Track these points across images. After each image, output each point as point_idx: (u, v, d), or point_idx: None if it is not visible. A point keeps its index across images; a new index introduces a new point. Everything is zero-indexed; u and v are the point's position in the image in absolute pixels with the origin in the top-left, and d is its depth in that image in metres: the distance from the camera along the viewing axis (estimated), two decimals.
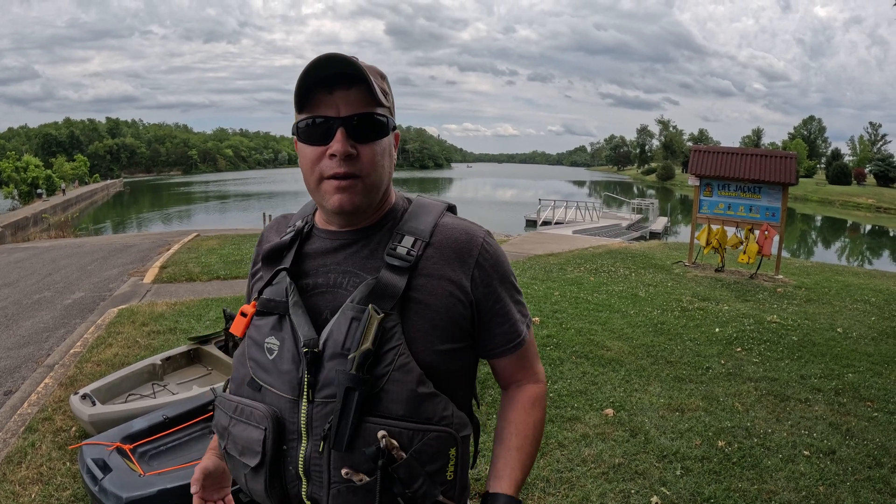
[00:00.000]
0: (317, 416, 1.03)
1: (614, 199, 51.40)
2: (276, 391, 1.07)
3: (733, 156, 11.14)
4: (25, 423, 4.23)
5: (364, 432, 1.00)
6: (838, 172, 76.86)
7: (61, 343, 6.39)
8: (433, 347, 1.09)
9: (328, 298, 1.12)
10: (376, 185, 1.13)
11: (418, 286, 1.10)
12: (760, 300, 8.74)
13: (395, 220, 1.19)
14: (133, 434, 3.31)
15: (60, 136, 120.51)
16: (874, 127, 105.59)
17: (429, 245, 1.14)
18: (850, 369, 5.64)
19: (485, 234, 1.20)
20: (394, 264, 1.10)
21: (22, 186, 44.26)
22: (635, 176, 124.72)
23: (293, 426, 1.05)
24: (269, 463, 1.06)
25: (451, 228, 1.17)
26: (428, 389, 1.05)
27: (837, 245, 36.41)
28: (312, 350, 1.04)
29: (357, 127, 1.09)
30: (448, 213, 1.23)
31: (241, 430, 1.10)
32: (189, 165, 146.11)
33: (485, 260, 1.16)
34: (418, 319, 1.08)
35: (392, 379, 1.03)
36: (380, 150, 1.12)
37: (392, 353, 1.04)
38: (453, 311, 1.12)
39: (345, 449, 1.00)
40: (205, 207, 55.54)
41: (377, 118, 1.11)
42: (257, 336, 1.14)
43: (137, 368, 4.50)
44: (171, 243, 14.93)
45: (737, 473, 3.69)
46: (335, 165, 1.09)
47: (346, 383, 1.00)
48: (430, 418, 1.05)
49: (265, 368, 1.10)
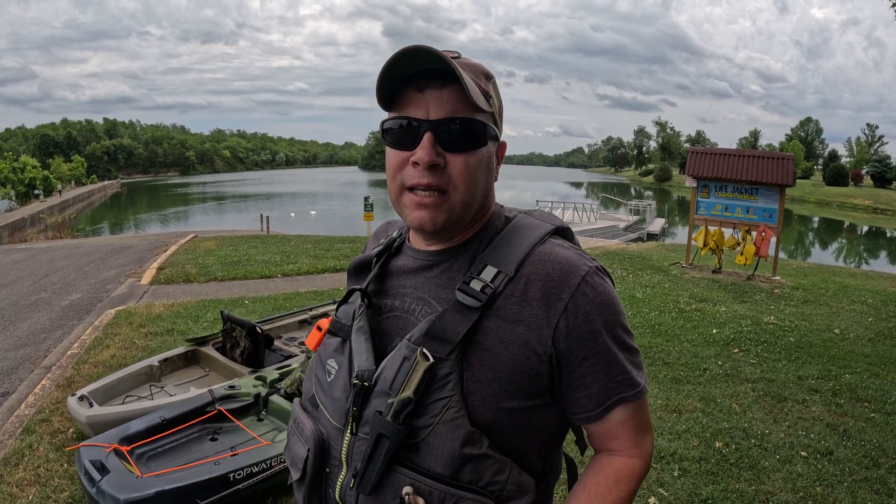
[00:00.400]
0: (356, 451, 0.96)
1: (612, 200, 51.39)
2: (328, 415, 1.03)
3: (731, 157, 11.15)
4: (23, 424, 4.22)
5: (392, 481, 0.92)
6: (835, 174, 77.00)
7: (58, 344, 6.37)
8: (496, 403, 0.93)
9: (400, 324, 1.03)
10: (466, 202, 0.98)
11: (488, 329, 0.94)
12: (758, 301, 8.75)
13: (483, 243, 1.02)
14: (131, 435, 3.31)
15: (58, 137, 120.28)
16: (871, 128, 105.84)
17: (513, 279, 0.96)
18: (847, 370, 5.65)
19: (590, 270, 0.98)
20: (462, 301, 0.95)
21: (19, 187, 44.20)
22: (633, 177, 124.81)
23: (336, 453, 1.00)
24: (308, 481, 1.03)
25: (546, 260, 0.97)
26: (477, 451, 0.92)
27: (834, 246, 36.48)
28: (363, 383, 0.96)
29: (448, 133, 0.94)
30: (553, 239, 1.02)
31: (294, 442, 1.08)
32: (186, 166, 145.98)
33: (579, 305, 0.95)
34: (482, 370, 0.93)
35: (436, 433, 0.91)
36: (473, 162, 0.97)
37: (440, 405, 0.91)
38: (524, 364, 0.94)
39: (369, 493, 0.94)
40: (202, 209, 55.47)
41: (473, 124, 0.96)
42: (323, 355, 1.09)
43: (135, 370, 4.50)
44: (169, 244, 14.91)
45: (734, 474, 3.69)
46: (418, 175, 0.95)
47: (378, 429, 0.91)
48: (473, 481, 0.92)
49: (323, 389, 1.06)
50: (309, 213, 43.64)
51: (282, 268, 11.04)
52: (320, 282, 10.08)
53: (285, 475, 3.23)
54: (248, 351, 4.60)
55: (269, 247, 14.09)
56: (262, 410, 3.87)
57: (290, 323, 5.91)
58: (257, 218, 24.81)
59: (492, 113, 0.99)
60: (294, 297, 8.50)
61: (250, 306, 7.93)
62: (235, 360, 4.64)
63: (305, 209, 47.09)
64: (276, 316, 6.01)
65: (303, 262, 11.72)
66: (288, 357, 4.85)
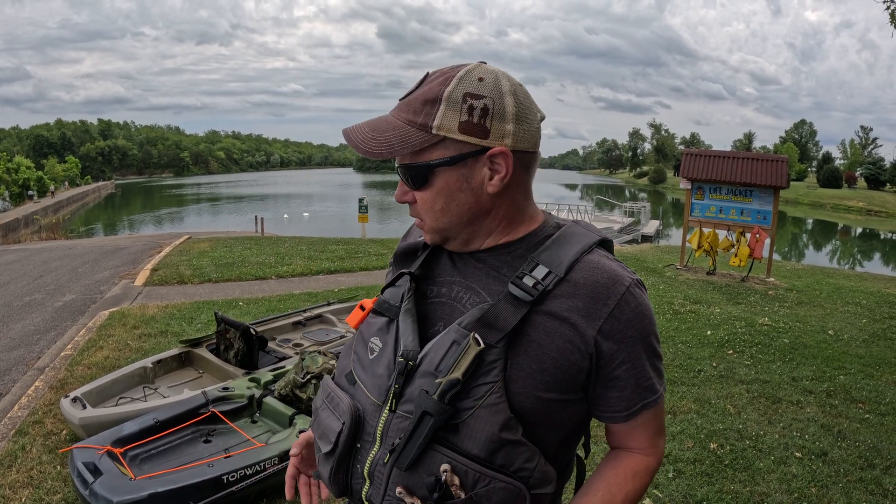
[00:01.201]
0: (393, 427, 1.00)
1: (606, 202, 51.50)
2: (366, 391, 1.07)
3: (725, 159, 11.18)
4: (16, 426, 4.20)
5: (429, 459, 0.96)
6: (829, 176, 77.30)
7: (52, 346, 6.34)
8: (535, 392, 0.99)
9: (445, 311, 1.08)
10: (439, 227, 1.09)
11: (536, 323, 1.00)
12: (752, 303, 8.78)
13: (534, 244, 1.09)
14: (124, 437, 3.29)
15: (52, 138, 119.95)
16: (865, 131, 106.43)
17: (563, 281, 1.02)
18: (841, 371, 5.66)
19: (633, 282, 1.05)
20: (515, 294, 1.01)
21: (13, 188, 44.06)
22: (627, 179, 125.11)
23: (371, 429, 1.04)
24: (339, 455, 1.07)
25: (595, 268, 1.04)
26: (513, 436, 0.97)
27: (828, 248, 36.66)
28: (407, 362, 1.01)
29: (404, 176, 1.07)
30: (598, 250, 1.09)
31: (326, 416, 1.12)
32: (181, 167, 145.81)
33: (622, 312, 1.02)
34: (526, 359, 1.00)
35: (476, 415, 0.96)
36: (429, 196, 1.06)
37: (484, 389, 0.97)
38: (568, 359, 1.00)
39: (406, 469, 0.97)
40: (196, 210, 55.36)
41: (409, 170, 1.05)
42: (366, 333, 1.14)
43: (128, 371, 4.48)
44: (163, 246, 14.87)
45: (729, 475, 3.70)
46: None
47: (423, 406, 0.96)
48: (505, 465, 0.97)
49: (363, 366, 1.10)
50: (301, 214, 43.52)
51: (276, 269, 11.03)
52: (314, 283, 10.07)
53: (279, 477, 3.22)
54: (241, 352, 4.59)
55: (264, 248, 14.06)
56: (256, 412, 3.85)
57: (284, 325, 5.89)
58: (252, 219, 24.77)
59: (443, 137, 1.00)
60: (288, 299, 8.49)
61: (244, 308, 7.91)
62: (229, 362, 4.63)
63: (299, 211, 47.02)
64: (271, 318, 5.99)
65: (297, 263, 11.71)
66: (282, 359, 4.84)
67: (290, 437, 3.36)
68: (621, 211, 39.03)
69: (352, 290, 9.19)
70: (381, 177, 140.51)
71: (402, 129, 1.02)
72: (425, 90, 1.02)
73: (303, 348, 5.21)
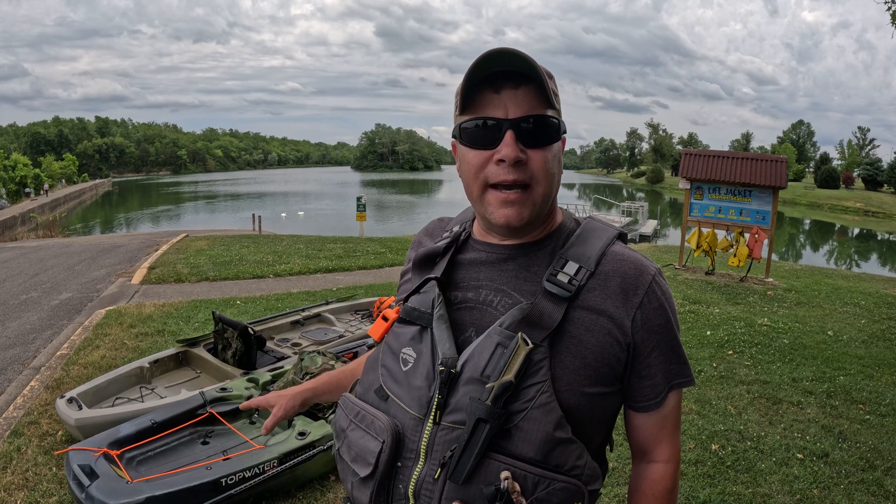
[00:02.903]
0: (440, 440, 0.95)
1: (604, 201, 51.59)
2: (403, 405, 1.01)
3: (724, 159, 11.19)
4: (11, 426, 4.15)
5: (486, 468, 0.93)
6: (827, 176, 77.43)
7: (48, 345, 6.30)
8: (580, 388, 0.99)
9: (475, 315, 1.05)
10: (546, 195, 1.04)
11: (575, 319, 1.00)
12: (751, 303, 8.77)
13: (560, 241, 1.09)
14: (120, 439, 3.26)
15: (49, 135, 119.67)
16: (863, 131, 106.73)
17: (593, 275, 1.03)
18: (841, 372, 5.65)
19: (656, 271, 1.08)
20: (552, 292, 1.01)
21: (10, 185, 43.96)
22: (625, 179, 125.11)
23: (413, 445, 0.98)
24: (380, 477, 1.00)
25: (621, 259, 1.06)
26: (565, 434, 0.96)
27: (826, 248, 36.71)
28: (449, 370, 0.97)
29: (528, 130, 0.99)
30: (619, 242, 1.11)
31: (359, 436, 1.05)
32: (178, 165, 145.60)
33: (651, 301, 1.04)
34: (569, 356, 0.99)
35: (529, 417, 0.94)
36: (550, 157, 1.02)
37: (534, 389, 0.95)
38: (608, 351, 1.01)
39: (462, 482, 0.93)
40: (194, 208, 55.28)
41: (550, 120, 1.01)
42: (395, 344, 1.08)
43: (125, 371, 4.45)
44: (160, 244, 14.82)
45: (731, 477, 3.68)
46: (503, 172, 1.00)
47: (478, 414, 0.92)
48: (559, 465, 0.95)
49: (396, 379, 1.04)
50: (297, 213, 43.42)
51: (274, 268, 10.99)
52: (312, 282, 10.04)
53: (279, 480, 3.19)
54: (240, 352, 4.55)
55: (261, 247, 14.03)
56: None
57: (282, 324, 5.87)
58: (249, 218, 24.70)
59: (559, 109, 1.04)
60: (286, 298, 8.46)
61: (242, 306, 7.88)
62: (227, 362, 4.59)
63: (296, 209, 46.97)
64: (269, 317, 5.96)
65: (295, 262, 11.68)
66: (280, 359, 4.81)
67: (290, 440, 3.33)
68: (619, 210, 39.08)
69: (350, 288, 9.16)
70: (378, 175, 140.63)
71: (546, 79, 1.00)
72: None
73: (301, 348, 5.18)
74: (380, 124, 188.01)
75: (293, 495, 3.36)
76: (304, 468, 3.29)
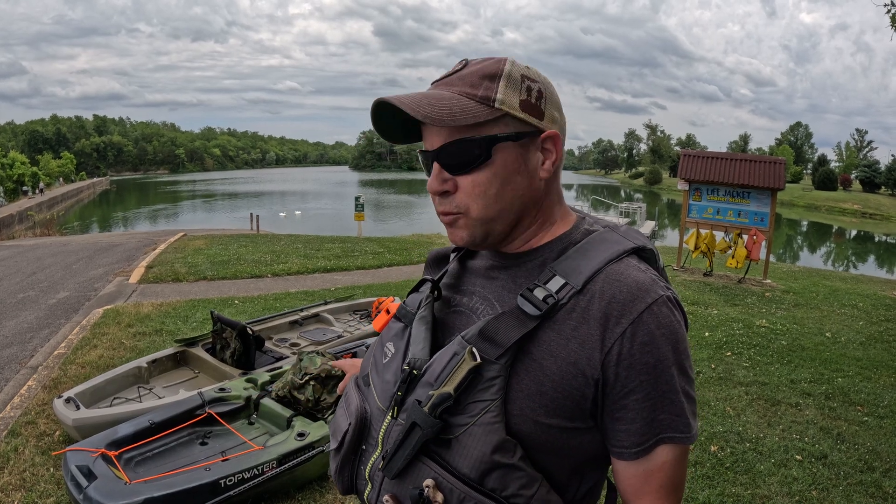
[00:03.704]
0: (391, 434, 0.98)
1: (602, 202, 51.51)
2: (375, 395, 1.06)
3: (723, 161, 11.20)
4: (8, 426, 4.14)
5: (416, 471, 0.93)
6: (824, 178, 77.57)
7: (45, 344, 6.28)
8: (534, 417, 0.91)
9: (462, 321, 1.04)
10: (487, 218, 0.97)
11: (542, 341, 0.92)
12: (749, 304, 8.77)
13: (555, 252, 1.00)
14: (118, 440, 3.25)
15: (47, 133, 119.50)
16: (860, 133, 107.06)
17: (579, 293, 0.92)
18: (839, 374, 5.66)
19: (659, 299, 0.91)
20: (523, 308, 0.93)
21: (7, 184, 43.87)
22: (623, 180, 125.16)
23: (375, 433, 1.02)
24: (344, 453, 1.06)
25: (616, 280, 0.92)
26: (507, 460, 0.89)
27: (823, 250, 36.76)
28: (412, 370, 0.98)
29: (448, 158, 0.96)
30: (629, 259, 0.97)
31: (340, 413, 1.13)
32: (176, 164, 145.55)
33: (637, 333, 0.89)
34: (527, 380, 0.92)
35: (470, 433, 0.90)
36: (483, 179, 0.95)
37: (480, 406, 0.90)
38: (570, 384, 0.90)
39: (393, 477, 0.96)
40: (192, 207, 55.20)
41: (466, 144, 0.94)
42: (385, 336, 1.14)
43: (123, 371, 4.44)
44: (158, 243, 14.80)
45: (730, 478, 3.68)
46: (437, 202, 1.01)
47: (413, 417, 0.92)
48: (496, 489, 0.89)
49: (377, 370, 1.09)
50: (294, 213, 43.34)
51: (272, 267, 10.98)
52: (311, 282, 10.03)
53: (278, 481, 3.18)
54: (238, 352, 4.54)
55: (259, 246, 14.01)
56: (253, 413, 3.81)
57: (281, 324, 5.86)
58: (247, 217, 24.68)
59: (505, 113, 0.94)
60: (284, 298, 8.45)
61: (240, 306, 7.86)
62: (225, 362, 4.58)
63: (294, 209, 46.89)
64: (267, 317, 5.95)
65: (293, 261, 11.67)
66: (279, 359, 4.80)
67: (289, 440, 3.31)
68: (617, 211, 39.05)
69: (348, 288, 9.15)
70: (377, 175, 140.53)
71: (461, 101, 0.93)
72: (481, 66, 0.97)
73: (300, 348, 5.17)
74: None
75: (292, 496, 3.36)
76: (304, 469, 3.28)
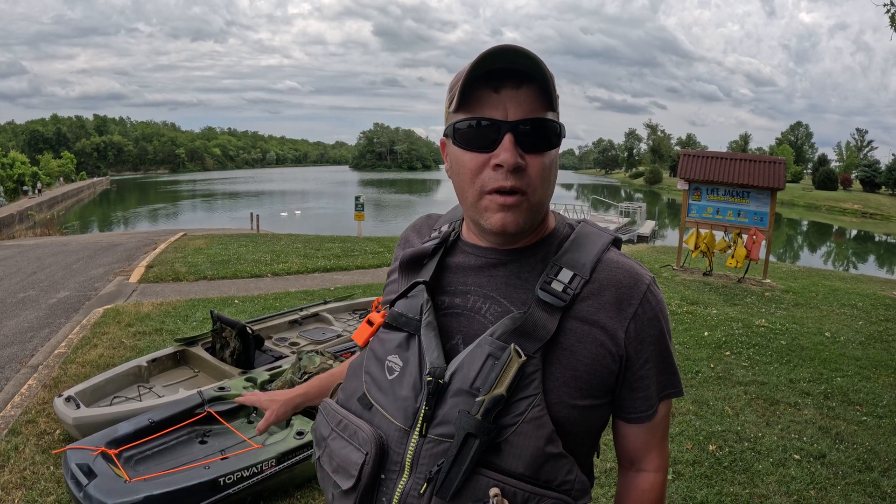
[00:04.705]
0: (426, 454, 0.91)
1: (602, 202, 51.54)
2: (388, 416, 0.97)
3: (722, 160, 11.19)
4: (8, 425, 4.15)
5: (475, 484, 0.89)
6: (825, 178, 77.52)
7: (45, 343, 6.29)
8: (571, 401, 0.95)
9: (462, 323, 1.00)
10: (542, 202, 0.99)
11: (568, 330, 0.96)
12: (749, 304, 8.78)
13: (553, 247, 1.04)
14: (118, 438, 3.25)
15: (47, 133, 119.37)
16: (861, 133, 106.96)
17: (587, 283, 0.99)
18: (838, 373, 5.66)
19: (650, 280, 1.04)
20: (547, 301, 0.96)
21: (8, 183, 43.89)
22: (623, 179, 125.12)
23: (397, 457, 0.94)
24: (363, 490, 0.96)
25: (615, 268, 1.02)
26: (556, 449, 0.93)
27: (823, 250, 36.76)
28: (437, 380, 0.92)
29: (528, 134, 0.93)
30: (613, 248, 1.07)
31: (341, 447, 1.00)
32: (176, 164, 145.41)
33: (645, 311, 1.01)
34: (560, 368, 0.95)
35: (519, 432, 0.90)
36: (548, 163, 0.97)
37: (525, 403, 0.91)
38: (600, 363, 0.97)
39: (450, 498, 0.89)
40: (192, 206, 55.21)
41: (551, 125, 0.95)
42: (380, 351, 1.03)
43: (123, 370, 4.45)
44: (158, 242, 14.81)
45: (728, 478, 3.69)
46: (500, 178, 0.94)
47: (467, 428, 0.88)
48: (549, 481, 0.92)
49: (381, 388, 1.00)
50: (294, 212, 43.34)
51: (272, 267, 10.99)
52: (311, 281, 10.04)
53: (277, 479, 3.19)
54: (238, 352, 4.55)
55: (259, 246, 14.02)
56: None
57: (280, 323, 5.86)
58: (247, 216, 24.69)
59: (558, 112, 0.99)
60: (284, 297, 8.45)
61: (240, 305, 7.87)
62: (225, 361, 4.59)
63: (295, 208, 46.90)
64: (267, 316, 5.96)
65: (293, 261, 11.68)
66: (279, 358, 4.80)
67: (288, 439, 3.33)
68: (617, 211, 39.05)
69: (348, 288, 9.15)
70: (377, 175, 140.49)
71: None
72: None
73: (299, 347, 5.17)
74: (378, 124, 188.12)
75: (291, 495, 3.37)
76: (302, 468, 3.29)
